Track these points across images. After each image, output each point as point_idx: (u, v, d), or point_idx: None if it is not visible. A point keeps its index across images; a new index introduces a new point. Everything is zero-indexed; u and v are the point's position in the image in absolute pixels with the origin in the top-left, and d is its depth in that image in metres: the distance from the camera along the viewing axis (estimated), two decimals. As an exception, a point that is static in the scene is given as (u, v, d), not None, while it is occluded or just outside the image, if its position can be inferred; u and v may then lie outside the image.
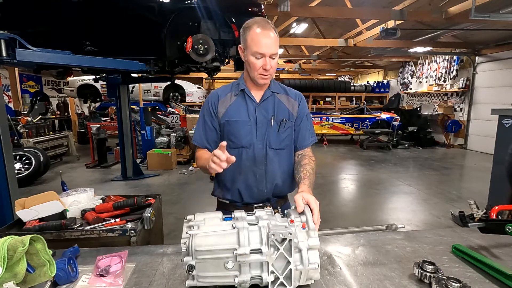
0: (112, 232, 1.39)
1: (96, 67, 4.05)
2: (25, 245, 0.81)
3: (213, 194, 1.46)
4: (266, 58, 1.20)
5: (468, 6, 5.03)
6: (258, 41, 1.18)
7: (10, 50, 2.74)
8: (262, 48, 1.18)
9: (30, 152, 5.40)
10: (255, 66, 1.22)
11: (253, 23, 1.20)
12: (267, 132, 1.31)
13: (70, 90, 9.76)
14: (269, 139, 1.31)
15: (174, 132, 7.36)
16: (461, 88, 9.04)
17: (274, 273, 0.80)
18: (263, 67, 1.22)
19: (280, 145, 1.34)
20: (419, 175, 6.10)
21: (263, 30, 1.18)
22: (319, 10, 6.26)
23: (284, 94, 1.37)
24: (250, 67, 1.25)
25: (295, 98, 1.38)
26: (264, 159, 1.31)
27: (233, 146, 1.29)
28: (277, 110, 1.33)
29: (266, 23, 1.19)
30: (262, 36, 1.17)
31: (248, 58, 1.22)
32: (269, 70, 1.23)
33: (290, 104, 1.36)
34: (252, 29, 1.19)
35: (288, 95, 1.38)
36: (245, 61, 1.27)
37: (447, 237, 1.21)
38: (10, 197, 2.52)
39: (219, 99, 1.34)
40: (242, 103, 1.32)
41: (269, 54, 1.19)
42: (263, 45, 1.18)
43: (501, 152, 3.03)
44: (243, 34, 1.23)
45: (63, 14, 3.78)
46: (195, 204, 4.40)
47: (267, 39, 1.18)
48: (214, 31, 4.00)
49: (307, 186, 1.11)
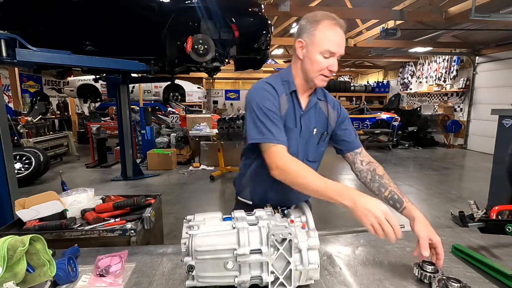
0: (112, 232, 1.39)
1: (96, 67, 4.06)
2: (25, 245, 0.81)
3: (239, 195, 1.35)
4: (334, 59, 1.09)
5: (468, 6, 5.03)
6: (332, 38, 1.06)
7: (10, 50, 2.75)
8: (335, 46, 1.06)
9: (30, 152, 5.40)
10: (320, 65, 1.09)
11: (325, 16, 1.08)
12: (308, 143, 1.22)
13: (70, 90, 9.77)
14: (308, 151, 1.23)
15: (174, 132, 7.37)
16: (461, 88, 9.03)
17: (274, 273, 0.80)
18: (328, 68, 1.09)
19: (316, 157, 1.27)
20: (419, 175, 6.11)
21: (337, 27, 1.06)
22: (319, 10, 6.24)
23: (324, 101, 1.26)
24: (312, 66, 1.10)
25: (333, 107, 1.27)
26: None
27: None
28: (319, 120, 1.23)
29: (338, 19, 1.08)
30: (336, 33, 1.06)
31: (312, 55, 1.09)
32: (333, 72, 1.11)
33: (329, 115, 1.25)
34: (323, 23, 1.07)
35: (328, 102, 1.26)
36: (305, 59, 1.12)
37: (447, 237, 1.21)
38: (10, 197, 2.52)
39: (279, 97, 1.14)
40: (291, 107, 1.17)
41: (339, 55, 1.09)
42: (337, 43, 1.06)
43: (501, 152, 3.02)
44: (309, 28, 1.09)
45: (63, 14, 3.78)
46: (195, 204, 4.39)
47: (341, 37, 1.07)
48: (214, 31, 4.00)
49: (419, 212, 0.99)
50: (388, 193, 1.11)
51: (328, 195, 0.91)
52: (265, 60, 4.72)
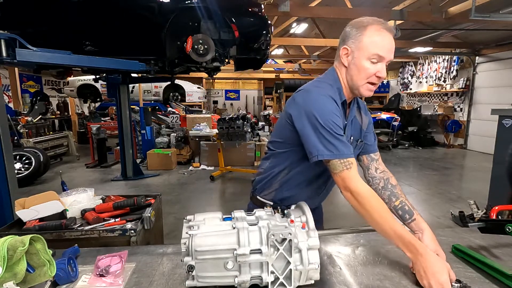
0: (112, 232, 1.39)
1: (96, 67, 4.06)
2: (25, 245, 0.81)
3: (258, 195, 1.30)
4: (383, 64, 1.03)
5: (468, 6, 5.02)
6: (380, 42, 1.00)
7: (10, 50, 2.74)
8: (384, 50, 1.00)
9: (30, 152, 5.40)
10: (368, 72, 1.03)
11: (372, 21, 1.03)
12: None
13: (70, 90, 9.76)
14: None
15: (174, 132, 7.37)
16: (461, 88, 9.03)
17: (274, 273, 0.80)
18: (377, 74, 1.03)
19: None
20: (419, 175, 6.10)
21: (386, 31, 1.01)
22: (319, 10, 6.26)
23: (358, 108, 1.23)
24: (359, 73, 1.05)
25: (365, 113, 1.25)
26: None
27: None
28: (354, 128, 1.20)
29: (386, 23, 1.03)
30: (385, 37, 1.01)
31: (359, 61, 1.03)
32: (381, 78, 1.05)
33: (362, 121, 1.23)
34: (371, 28, 1.01)
35: (361, 109, 1.24)
36: (351, 66, 1.06)
37: (447, 237, 1.21)
38: (10, 197, 2.51)
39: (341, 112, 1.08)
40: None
41: (389, 60, 1.03)
42: (386, 47, 1.01)
43: (501, 152, 3.03)
44: (355, 34, 1.03)
45: (63, 14, 3.78)
46: (195, 204, 4.39)
47: (390, 41, 1.02)
48: (214, 31, 4.00)
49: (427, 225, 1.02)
50: (399, 203, 1.13)
51: (395, 243, 0.91)
52: (265, 60, 4.72)
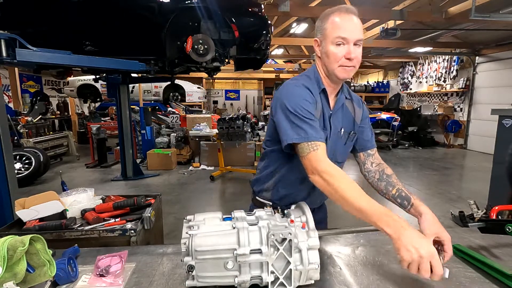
0: (112, 232, 1.39)
1: (96, 67, 4.06)
2: (25, 245, 0.81)
3: (258, 195, 1.30)
4: (349, 46, 1.03)
5: (468, 6, 5.03)
6: (341, 24, 1.03)
7: (10, 50, 2.74)
8: (345, 31, 1.02)
9: (30, 152, 5.40)
10: (336, 56, 1.04)
11: (334, 9, 1.07)
12: (336, 144, 1.19)
13: (70, 90, 9.76)
14: (336, 152, 1.19)
15: (174, 132, 7.37)
16: (461, 88, 9.03)
17: (274, 273, 0.80)
18: (346, 56, 1.03)
19: (343, 158, 1.24)
20: (419, 175, 6.10)
21: (346, 14, 1.04)
22: (319, 10, 6.25)
23: (350, 100, 1.23)
24: (329, 59, 1.07)
25: (358, 105, 1.25)
26: None
27: None
28: (345, 119, 1.20)
29: (348, 8, 1.06)
30: (345, 20, 1.03)
31: (327, 48, 1.06)
32: (353, 60, 1.04)
33: (355, 113, 1.23)
34: (332, 15, 1.05)
35: (353, 101, 1.24)
36: (322, 55, 1.10)
37: (447, 237, 1.20)
38: (10, 197, 2.52)
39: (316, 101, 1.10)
40: (320, 107, 1.12)
41: (354, 40, 1.03)
42: (347, 29, 1.02)
43: (501, 152, 3.03)
44: (321, 24, 1.08)
45: (63, 14, 3.78)
46: (195, 204, 4.39)
47: (351, 23, 1.03)
48: (214, 31, 4.00)
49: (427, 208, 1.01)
50: (396, 191, 1.12)
51: (371, 219, 0.84)
52: (265, 60, 4.72)
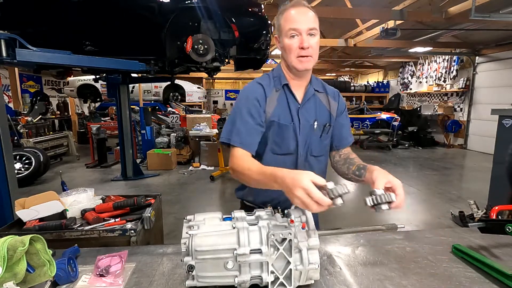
0: (112, 232, 1.39)
1: (96, 67, 4.06)
2: (25, 245, 0.81)
3: (241, 197, 1.31)
4: (302, 36, 1.05)
5: (468, 6, 5.03)
6: (292, 17, 1.06)
7: (10, 50, 2.75)
8: (296, 23, 1.05)
9: (30, 152, 5.40)
10: (291, 47, 1.07)
11: (287, 6, 1.10)
12: (310, 138, 1.18)
13: (70, 90, 9.77)
14: (311, 145, 1.19)
15: (174, 132, 7.37)
16: (461, 88, 9.04)
17: (274, 273, 0.80)
18: (299, 46, 1.05)
19: (321, 151, 1.23)
20: (419, 175, 6.10)
21: (298, 7, 1.07)
22: (319, 10, 6.25)
23: (324, 93, 1.24)
24: (285, 52, 1.10)
25: (334, 98, 1.25)
26: (306, 167, 1.18)
27: (279, 152, 1.16)
28: (319, 112, 1.20)
29: (300, 2, 1.09)
30: (296, 13, 1.07)
31: (283, 42, 1.09)
32: (307, 49, 1.06)
33: (330, 105, 1.23)
34: (284, 10, 1.09)
35: (327, 94, 1.24)
36: (281, 50, 1.13)
37: (447, 237, 1.21)
38: (10, 197, 2.52)
39: (267, 95, 1.14)
40: (284, 102, 1.15)
41: (306, 30, 1.05)
42: (298, 21, 1.05)
43: (501, 152, 3.03)
44: (277, 21, 1.12)
45: (63, 14, 3.78)
46: (195, 204, 4.39)
47: (302, 15, 1.06)
48: (214, 31, 4.00)
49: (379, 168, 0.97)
50: (355, 167, 1.12)
51: (266, 182, 0.89)
52: (265, 60, 4.72)
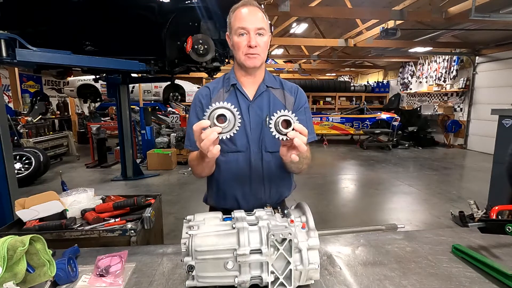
0: (112, 232, 1.39)
1: (96, 67, 4.05)
2: (25, 245, 0.81)
3: (206, 202, 1.35)
4: (250, 35, 1.08)
5: (468, 6, 5.03)
6: (241, 16, 1.09)
7: (10, 50, 2.74)
8: (245, 22, 1.07)
9: (30, 152, 5.40)
10: (239, 45, 1.10)
11: (238, 5, 1.12)
12: (262, 133, 1.17)
13: (70, 90, 9.78)
14: (264, 141, 1.18)
15: (174, 132, 7.37)
16: (461, 88, 9.04)
17: (274, 273, 0.80)
18: (247, 44, 1.09)
19: (276, 147, 1.21)
20: (419, 175, 6.10)
21: (248, 7, 1.10)
22: (319, 10, 6.26)
23: (280, 89, 1.24)
24: (234, 50, 1.13)
25: (291, 92, 1.24)
26: (261, 164, 1.19)
27: (228, 150, 1.17)
28: (272, 107, 1.19)
29: (251, 2, 1.11)
30: (245, 12, 1.09)
31: (233, 40, 1.12)
32: (255, 47, 1.09)
33: (286, 100, 1.23)
34: (235, 9, 1.12)
35: (284, 90, 1.25)
36: (232, 47, 1.16)
37: (447, 237, 1.21)
38: (10, 197, 2.52)
39: (212, 96, 1.20)
40: (234, 100, 1.17)
41: (254, 29, 1.08)
42: (246, 20, 1.08)
43: (501, 152, 3.03)
44: (228, 20, 1.14)
45: (63, 14, 3.78)
46: (195, 204, 4.39)
47: (251, 15, 1.09)
48: (214, 31, 4.00)
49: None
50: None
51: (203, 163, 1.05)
52: (265, 60, 4.72)
